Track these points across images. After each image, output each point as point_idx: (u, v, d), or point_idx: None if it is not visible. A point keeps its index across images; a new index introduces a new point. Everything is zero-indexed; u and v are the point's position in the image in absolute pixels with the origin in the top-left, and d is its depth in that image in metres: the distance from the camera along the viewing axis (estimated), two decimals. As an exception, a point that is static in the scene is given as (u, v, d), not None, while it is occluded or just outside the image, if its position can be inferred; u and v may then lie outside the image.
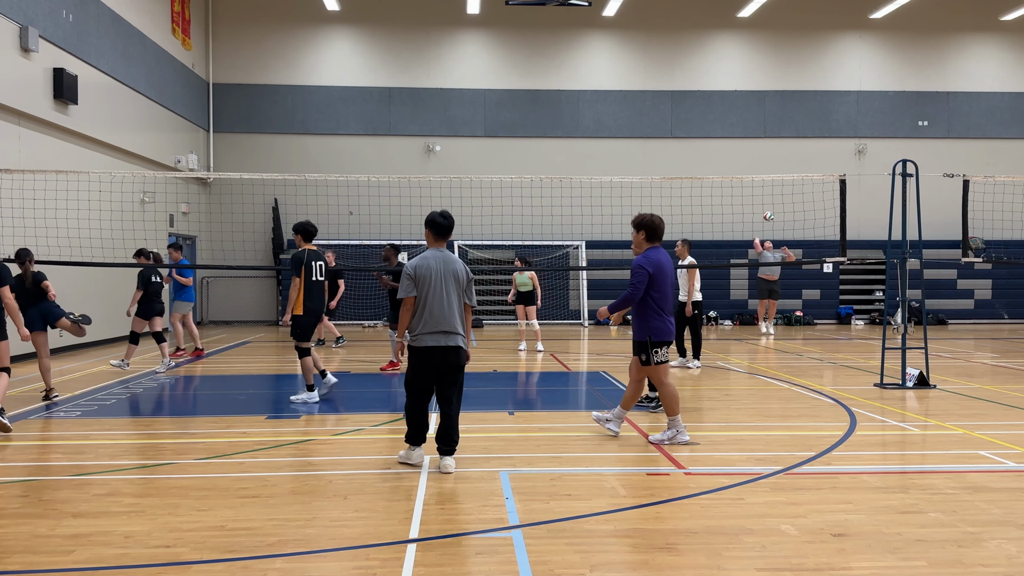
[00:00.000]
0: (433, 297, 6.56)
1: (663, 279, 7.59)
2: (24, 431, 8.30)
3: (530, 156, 24.31)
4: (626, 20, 24.64)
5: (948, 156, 24.41)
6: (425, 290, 6.56)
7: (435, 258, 6.67)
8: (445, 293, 6.59)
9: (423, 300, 6.57)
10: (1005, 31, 25.48)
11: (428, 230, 6.83)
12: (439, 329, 6.55)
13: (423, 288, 6.57)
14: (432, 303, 6.56)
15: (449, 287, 6.61)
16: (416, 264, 6.65)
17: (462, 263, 6.80)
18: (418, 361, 6.61)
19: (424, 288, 6.57)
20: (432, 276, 6.58)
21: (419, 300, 6.58)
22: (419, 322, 6.58)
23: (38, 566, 4.57)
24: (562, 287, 24.20)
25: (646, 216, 7.82)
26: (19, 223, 13.55)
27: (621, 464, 6.83)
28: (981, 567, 4.54)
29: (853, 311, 24.63)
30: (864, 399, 10.04)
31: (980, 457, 7.08)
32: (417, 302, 6.59)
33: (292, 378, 12.91)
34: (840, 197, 12.94)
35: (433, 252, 6.73)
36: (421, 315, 6.57)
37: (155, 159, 20.00)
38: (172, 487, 6.21)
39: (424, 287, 6.56)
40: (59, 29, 15.41)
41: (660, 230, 7.79)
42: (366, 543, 4.91)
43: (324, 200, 19.21)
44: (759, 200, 18.99)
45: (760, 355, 15.59)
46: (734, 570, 4.49)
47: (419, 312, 6.58)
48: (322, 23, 24.34)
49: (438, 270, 6.61)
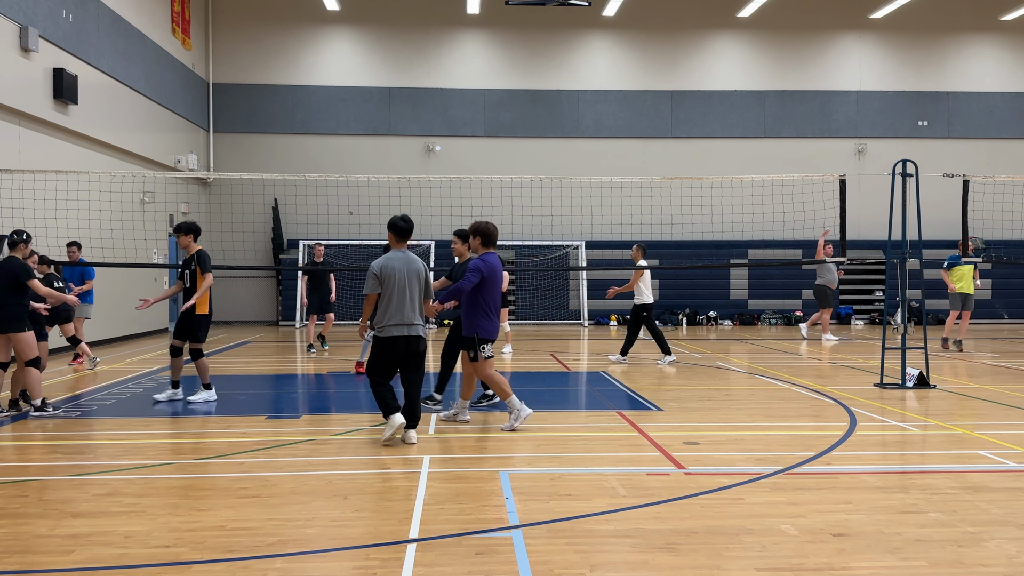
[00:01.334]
0: (397, 294, 7.43)
1: (494, 282, 8.20)
2: (24, 431, 8.30)
3: (530, 156, 24.31)
4: (626, 20, 24.64)
5: (948, 156, 24.40)
6: (390, 288, 7.42)
7: (398, 259, 7.55)
8: (408, 290, 7.48)
9: (389, 296, 7.41)
10: (1005, 31, 25.48)
11: (391, 233, 7.68)
12: (403, 321, 7.45)
13: (388, 286, 7.42)
14: (396, 299, 7.42)
15: (412, 284, 7.52)
16: (382, 264, 7.48)
17: (422, 262, 7.71)
18: (385, 349, 7.46)
19: (389, 286, 7.42)
20: (396, 275, 7.45)
21: (385, 296, 7.42)
22: (384, 315, 7.43)
23: (38, 566, 4.57)
24: (562, 287, 24.20)
25: (481, 224, 8.36)
26: (19, 223, 13.51)
27: (621, 464, 6.83)
28: (981, 567, 4.54)
29: (853, 311, 24.62)
30: (864, 399, 10.04)
31: (980, 457, 7.08)
32: (382, 298, 7.44)
33: (292, 378, 12.92)
34: (840, 197, 12.94)
35: (396, 253, 7.60)
36: (387, 309, 7.43)
37: (155, 159, 20.01)
38: (172, 487, 6.21)
39: (389, 285, 7.43)
40: (59, 29, 15.41)
41: (495, 236, 8.35)
42: (366, 543, 4.91)
43: (324, 200, 19.21)
44: (759, 200, 19.00)
45: (759, 355, 15.59)
46: (734, 570, 4.49)
47: (384, 307, 7.44)
48: (322, 23, 24.35)
49: (402, 269, 7.48)
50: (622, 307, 24.30)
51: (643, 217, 20.96)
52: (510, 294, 23.80)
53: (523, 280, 23.78)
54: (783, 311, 24.31)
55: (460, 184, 18.53)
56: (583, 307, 24.13)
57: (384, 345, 7.46)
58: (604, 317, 24.00)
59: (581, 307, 24.18)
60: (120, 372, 12.79)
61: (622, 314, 24.10)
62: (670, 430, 8.13)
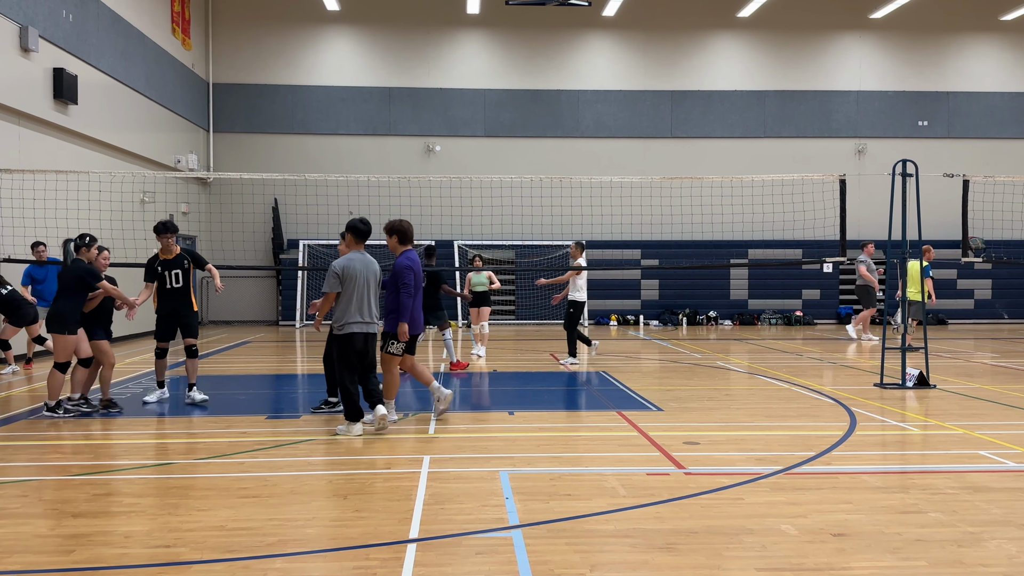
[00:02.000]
0: (357, 292, 7.91)
1: (419, 280, 8.58)
2: (24, 431, 8.30)
3: (530, 156, 24.31)
4: (626, 20, 24.64)
5: (948, 156, 24.40)
6: (351, 287, 7.90)
7: (359, 260, 8.04)
8: (367, 289, 8.01)
9: (350, 296, 7.88)
10: (1005, 31, 25.48)
11: (350, 235, 8.17)
12: (363, 320, 7.95)
13: (349, 285, 7.90)
14: (356, 298, 7.91)
15: (370, 284, 8.05)
16: (344, 265, 7.94)
17: (376, 264, 8.20)
18: (347, 345, 7.91)
19: (350, 286, 7.90)
20: (358, 276, 7.94)
21: (345, 295, 7.89)
22: (345, 313, 7.90)
23: (38, 566, 4.57)
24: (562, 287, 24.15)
25: (395, 222, 8.59)
26: (19, 223, 13.54)
27: (621, 464, 6.82)
28: (981, 567, 4.54)
29: (853, 311, 24.62)
30: (864, 399, 10.04)
31: (980, 457, 7.08)
32: (343, 297, 7.90)
33: (292, 378, 12.92)
34: (840, 197, 12.94)
35: (356, 254, 8.08)
36: (348, 308, 7.90)
37: (155, 159, 20.00)
38: (172, 487, 6.21)
39: (350, 285, 7.90)
40: (59, 29, 15.41)
41: (411, 234, 8.62)
42: (366, 543, 4.91)
43: (324, 200, 19.21)
44: (759, 200, 19.00)
45: (759, 355, 15.59)
46: (734, 570, 4.49)
47: (345, 305, 7.90)
48: (322, 23, 24.35)
49: (362, 271, 7.98)
50: (622, 307, 24.33)
51: (643, 217, 20.96)
52: (508, 294, 23.87)
53: (523, 280, 23.77)
54: (783, 311, 24.31)
55: (460, 184, 18.53)
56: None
57: (345, 342, 7.91)
58: (604, 317, 23.99)
59: (581, 307, 24.14)
60: (120, 372, 12.78)
61: (622, 314, 24.11)
62: (670, 430, 8.13)
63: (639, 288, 24.53)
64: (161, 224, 9.82)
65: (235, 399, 10.50)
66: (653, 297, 24.36)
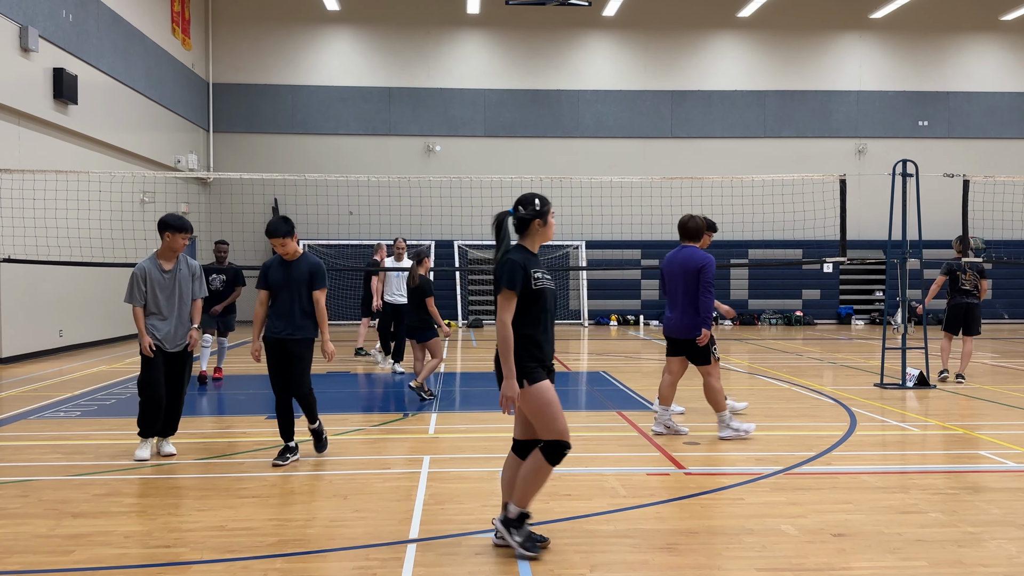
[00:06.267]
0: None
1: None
2: (24, 431, 8.30)
3: (530, 156, 24.31)
4: (626, 20, 24.64)
5: (948, 156, 24.40)
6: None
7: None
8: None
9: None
10: (1005, 31, 25.48)
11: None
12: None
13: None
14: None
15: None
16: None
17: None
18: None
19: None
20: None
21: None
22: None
23: (38, 566, 4.57)
24: (562, 287, 24.20)
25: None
26: (19, 223, 13.55)
27: (621, 464, 6.82)
28: (981, 567, 4.53)
29: (853, 311, 24.63)
30: (864, 399, 10.03)
31: (980, 457, 7.07)
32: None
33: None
34: (840, 197, 12.94)
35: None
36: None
37: (155, 159, 20.00)
38: (172, 487, 6.21)
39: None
40: (59, 29, 15.41)
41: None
42: (366, 543, 4.91)
43: (324, 200, 19.21)
44: (759, 200, 19.00)
45: (760, 355, 15.58)
46: (734, 570, 4.49)
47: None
48: (322, 23, 24.35)
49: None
50: (622, 307, 24.33)
51: (643, 217, 20.95)
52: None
53: (523, 280, 23.72)
54: (783, 311, 24.31)
55: (460, 184, 18.51)
56: (583, 307, 24.13)
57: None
58: (604, 317, 24.01)
59: (581, 307, 24.18)
60: (119, 372, 12.79)
61: (622, 314, 24.12)
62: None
63: (639, 288, 24.54)
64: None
65: (235, 399, 10.50)
66: (653, 297, 24.36)
